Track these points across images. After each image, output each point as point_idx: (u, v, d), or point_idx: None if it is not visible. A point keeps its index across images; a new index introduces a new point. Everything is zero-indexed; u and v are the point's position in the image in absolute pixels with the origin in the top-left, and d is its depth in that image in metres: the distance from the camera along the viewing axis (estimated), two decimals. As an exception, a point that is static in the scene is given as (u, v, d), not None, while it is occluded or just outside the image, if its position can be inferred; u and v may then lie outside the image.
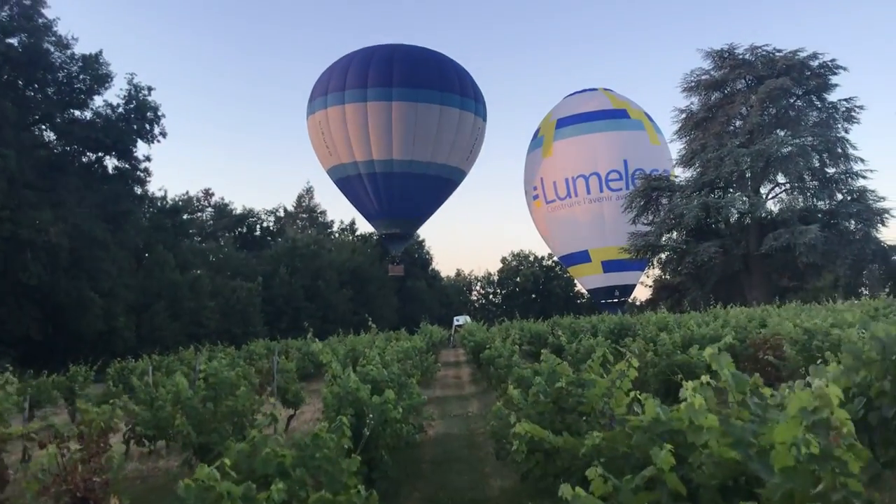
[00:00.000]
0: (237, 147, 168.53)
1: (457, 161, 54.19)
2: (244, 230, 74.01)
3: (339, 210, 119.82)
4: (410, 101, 49.67)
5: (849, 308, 17.69)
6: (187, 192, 71.45)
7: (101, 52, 36.76)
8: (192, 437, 8.10)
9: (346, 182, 52.99)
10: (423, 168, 51.25)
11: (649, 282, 65.40)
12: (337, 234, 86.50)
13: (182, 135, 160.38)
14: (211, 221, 72.09)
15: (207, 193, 74.05)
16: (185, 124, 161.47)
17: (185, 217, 55.15)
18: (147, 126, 38.49)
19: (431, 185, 52.79)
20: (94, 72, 35.75)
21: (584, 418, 5.28)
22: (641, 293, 69.95)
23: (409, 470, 8.97)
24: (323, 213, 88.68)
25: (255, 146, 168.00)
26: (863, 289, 55.70)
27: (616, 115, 58.19)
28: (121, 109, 37.92)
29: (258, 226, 75.92)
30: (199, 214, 71.34)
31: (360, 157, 50.57)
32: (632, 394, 4.24)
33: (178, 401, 8.44)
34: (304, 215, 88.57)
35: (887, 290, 44.56)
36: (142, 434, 10.44)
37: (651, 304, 66.65)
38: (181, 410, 8.18)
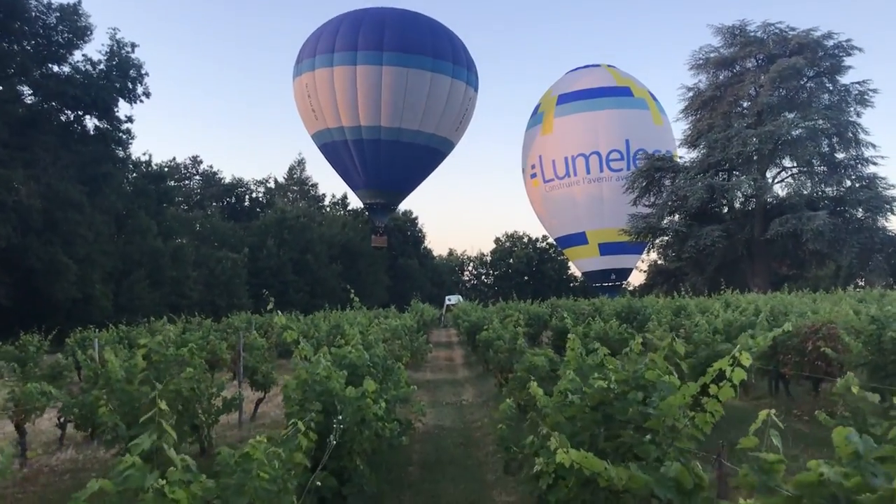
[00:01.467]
0: (228, 114, 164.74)
1: (446, 131, 52.56)
2: (233, 200, 72.06)
3: (330, 183, 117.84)
4: (401, 66, 47.91)
5: (880, 295, 16.09)
6: (174, 159, 69.60)
7: (80, 1, 34.63)
8: (121, 429, 6.43)
9: (331, 148, 51.33)
10: (411, 136, 49.68)
11: (644, 266, 64.22)
12: (328, 209, 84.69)
13: (170, 99, 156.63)
14: (198, 190, 70.08)
15: (195, 161, 71.93)
16: (174, 87, 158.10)
17: (170, 184, 53.13)
18: (129, 84, 36.51)
19: (419, 155, 51.21)
20: (73, 23, 33.68)
21: (649, 438, 3.60)
22: (635, 278, 68.37)
23: (392, 476, 7.33)
24: (314, 185, 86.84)
25: (247, 114, 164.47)
26: (860, 279, 54.68)
27: (619, 93, 56.34)
28: (102, 66, 35.90)
29: (247, 196, 73.90)
30: (187, 182, 69.39)
31: (346, 122, 48.81)
32: (762, 414, 2.54)
33: (108, 383, 6.75)
34: (296, 188, 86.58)
35: (892, 280, 43.45)
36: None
37: (646, 289, 65.31)
38: (108, 395, 6.50)
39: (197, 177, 71.44)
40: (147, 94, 37.32)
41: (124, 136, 37.73)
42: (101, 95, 34.93)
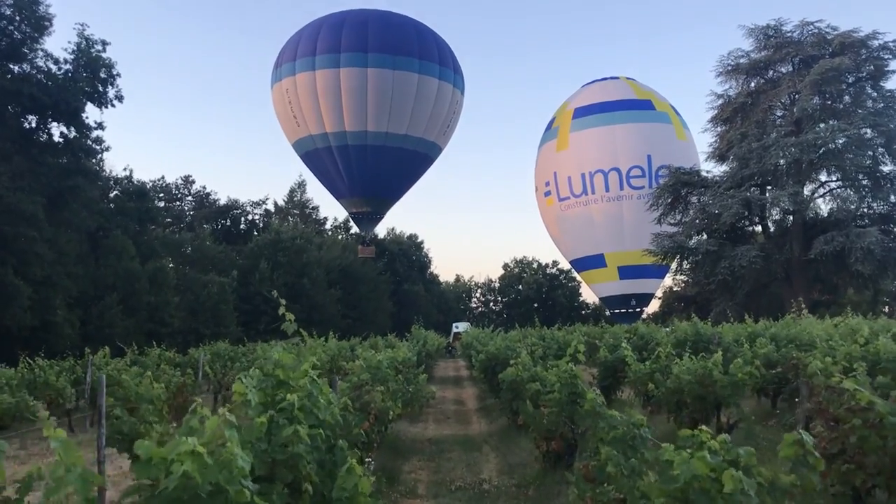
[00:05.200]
0: (223, 133, 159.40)
1: (434, 135, 50.00)
2: (227, 222, 67.94)
3: (332, 207, 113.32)
4: (387, 67, 45.43)
5: None
6: (162, 178, 65.56)
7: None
8: None
9: (314, 156, 48.58)
10: (399, 141, 47.10)
11: (658, 293, 60.35)
12: (330, 232, 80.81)
13: (160, 115, 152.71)
14: (191, 212, 66.06)
15: (188, 181, 67.86)
16: (165, 104, 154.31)
17: (154, 202, 49.12)
18: (99, 86, 32.60)
19: (407, 160, 48.64)
20: (31, 13, 29.82)
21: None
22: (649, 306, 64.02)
23: None
24: (315, 208, 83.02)
25: (244, 133, 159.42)
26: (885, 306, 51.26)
27: (640, 106, 52.80)
28: (68, 66, 32.02)
29: (243, 219, 69.79)
30: (178, 203, 65.40)
31: (330, 128, 46.05)
32: None
33: None
34: (296, 211, 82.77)
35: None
36: None
37: (661, 317, 61.19)
38: None
39: (189, 198, 67.49)
40: (120, 98, 33.46)
41: (93, 145, 33.70)
42: (65, 97, 30.97)
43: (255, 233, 68.29)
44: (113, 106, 33.32)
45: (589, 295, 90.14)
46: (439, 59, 48.66)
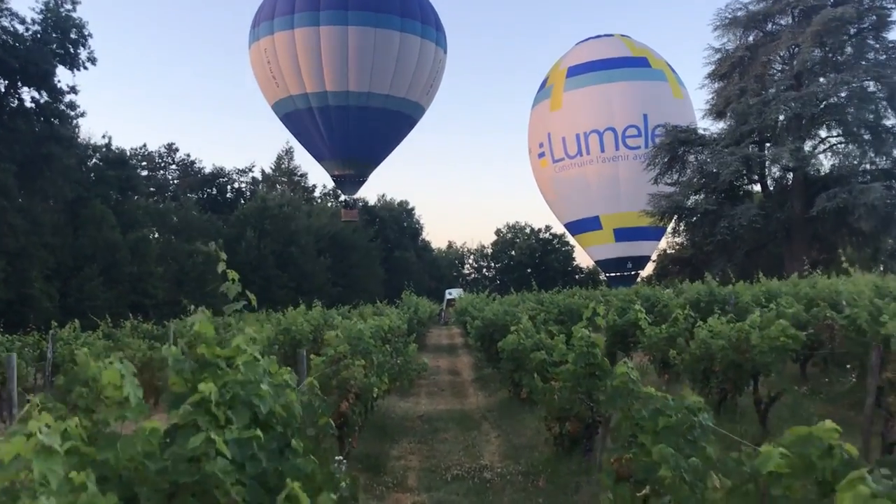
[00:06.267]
0: (207, 98, 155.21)
1: (417, 95, 48.75)
2: (213, 191, 66.31)
3: (321, 174, 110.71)
4: (368, 25, 44.13)
5: None
6: (144, 146, 63.64)
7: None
8: None
9: (295, 117, 47.27)
10: (381, 101, 45.90)
11: (653, 256, 59.41)
12: (319, 200, 79.37)
13: (141, 81, 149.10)
14: (175, 181, 64.38)
15: (171, 149, 65.91)
16: (146, 69, 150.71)
17: (136, 171, 47.60)
18: (70, 48, 31.02)
19: (390, 121, 47.52)
20: (-9, -31, 28.26)
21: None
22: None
23: None
24: (304, 175, 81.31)
25: (228, 98, 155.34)
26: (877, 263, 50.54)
27: (635, 64, 51.16)
28: (36, 27, 30.42)
29: (229, 187, 68.11)
30: (162, 172, 63.73)
31: (311, 88, 44.63)
32: None
33: None
34: (284, 178, 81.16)
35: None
36: None
37: (657, 279, 60.28)
38: None
39: (173, 166, 65.67)
40: (93, 60, 31.98)
41: (66, 110, 32.19)
42: (34, 60, 29.42)
43: (242, 201, 66.79)
44: (86, 69, 31.93)
45: (583, 259, 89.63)
46: (421, 16, 47.28)
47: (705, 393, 7.47)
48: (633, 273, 54.04)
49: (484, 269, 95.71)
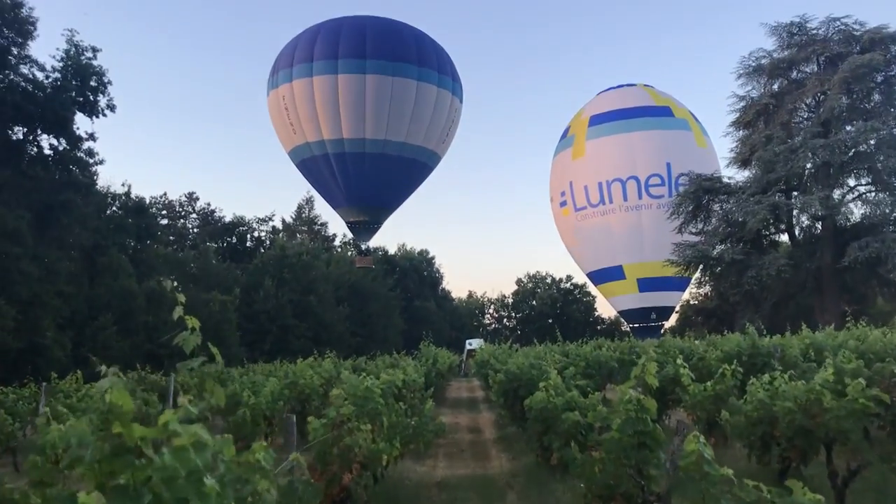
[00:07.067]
0: (227, 148, 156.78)
1: (433, 144, 48.82)
2: (233, 240, 66.09)
3: (342, 223, 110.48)
4: (386, 74, 44.39)
5: None
6: (165, 194, 63.79)
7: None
8: None
9: (311, 163, 47.23)
10: (397, 149, 45.99)
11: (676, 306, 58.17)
12: (339, 249, 78.97)
13: (164, 133, 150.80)
14: (195, 229, 64.29)
15: (191, 198, 66.12)
16: (168, 121, 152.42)
17: (154, 218, 47.37)
18: (89, 95, 30.92)
19: (406, 168, 47.46)
20: (13, 17, 28.18)
21: None
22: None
23: None
24: (324, 224, 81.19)
25: (250, 149, 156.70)
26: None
27: (658, 113, 50.89)
28: (56, 74, 30.37)
29: (249, 236, 67.90)
30: (182, 221, 63.69)
31: (328, 135, 44.79)
32: None
33: None
34: (304, 227, 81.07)
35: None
36: None
37: (679, 330, 58.95)
38: None
39: (193, 215, 65.74)
40: (111, 107, 31.81)
41: (84, 157, 31.97)
42: (53, 106, 29.31)
43: (262, 250, 66.55)
44: (104, 115, 31.68)
45: (604, 309, 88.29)
46: (438, 66, 47.59)
47: (765, 461, 6.53)
48: (657, 324, 52.85)
49: (504, 319, 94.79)
